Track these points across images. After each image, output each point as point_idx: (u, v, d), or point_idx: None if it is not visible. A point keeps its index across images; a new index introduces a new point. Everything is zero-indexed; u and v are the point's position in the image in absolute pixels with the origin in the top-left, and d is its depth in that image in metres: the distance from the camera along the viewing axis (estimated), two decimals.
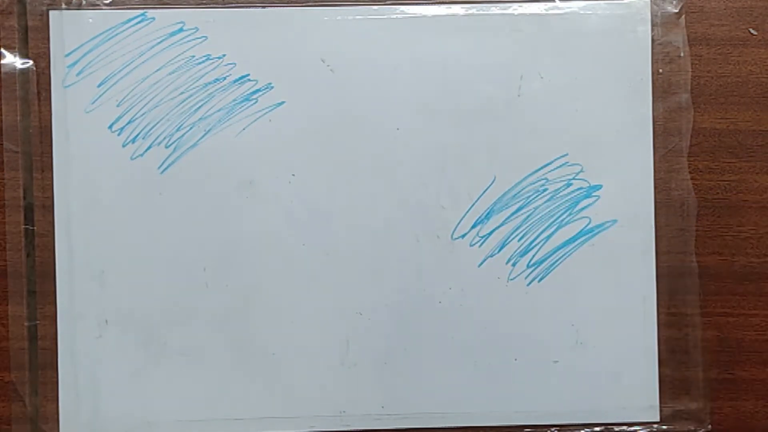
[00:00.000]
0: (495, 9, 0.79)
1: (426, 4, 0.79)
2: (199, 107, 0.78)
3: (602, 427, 0.79)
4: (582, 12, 0.79)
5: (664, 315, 0.79)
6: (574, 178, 0.80)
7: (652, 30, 0.79)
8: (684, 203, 0.79)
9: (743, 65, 0.80)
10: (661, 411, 0.80)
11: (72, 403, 0.78)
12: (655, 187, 0.79)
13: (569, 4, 0.79)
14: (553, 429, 0.79)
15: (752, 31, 0.80)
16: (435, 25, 0.79)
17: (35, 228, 0.78)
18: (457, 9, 0.79)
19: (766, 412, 0.80)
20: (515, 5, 0.79)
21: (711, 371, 0.80)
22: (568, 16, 0.79)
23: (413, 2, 0.79)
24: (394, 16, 0.78)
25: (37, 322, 0.78)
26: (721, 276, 0.80)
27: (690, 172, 0.79)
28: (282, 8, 0.78)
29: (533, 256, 0.79)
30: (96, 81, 0.77)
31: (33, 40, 0.78)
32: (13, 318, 0.78)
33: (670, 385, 0.80)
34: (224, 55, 0.78)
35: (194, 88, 0.78)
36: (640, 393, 0.79)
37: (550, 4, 0.79)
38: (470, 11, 0.79)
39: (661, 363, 0.79)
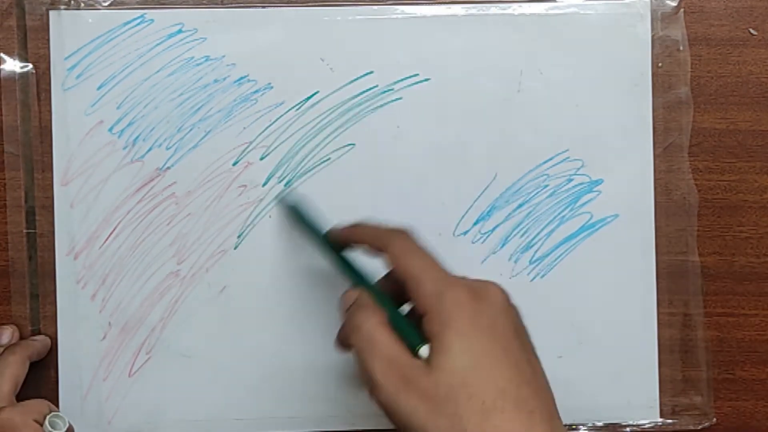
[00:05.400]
0: (495, 9, 0.79)
1: (426, 4, 0.78)
2: (199, 108, 0.78)
3: (605, 424, 0.79)
4: (582, 12, 0.79)
5: (665, 313, 0.80)
6: (575, 174, 0.80)
7: (652, 25, 0.79)
8: (685, 197, 0.79)
9: (743, 65, 0.80)
10: (663, 406, 0.80)
11: (72, 403, 0.79)
12: (656, 181, 0.80)
13: (569, 3, 0.79)
14: None
15: (752, 31, 0.80)
16: (435, 25, 0.78)
17: (36, 229, 0.78)
18: (457, 9, 0.78)
19: (766, 412, 0.81)
20: (515, 5, 0.79)
21: (711, 370, 0.80)
22: (568, 15, 0.79)
23: (413, 2, 0.78)
24: (394, 16, 0.78)
25: (40, 326, 0.78)
26: (721, 276, 0.80)
27: (690, 172, 0.80)
28: (282, 8, 0.78)
29: (535, 252, 0.80)
30: (95, 84, 0.77)
31: (33, 40, 0.78)
32: (15, 318, 0.79)
33: (670, 384, 0.80)
34: (224, 56, 0.78)
35: (194, 89, 0.78)
36: (643, 390, 0.80)
37: (550, 4, 0.79)
38: (470, 11, 0.78)
39: (661, 360, 0.80)
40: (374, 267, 0.66)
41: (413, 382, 0.57)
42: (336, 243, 0.70)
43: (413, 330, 0.60)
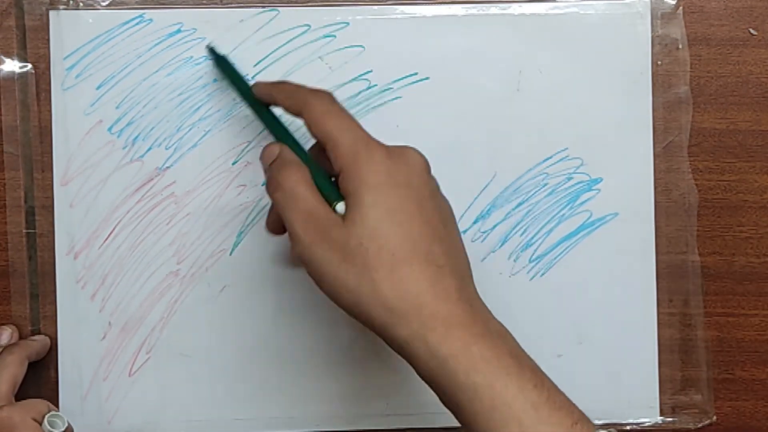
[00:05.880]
0: (495, 9, 0.78)
1: (426, 4, 0.78)
2: (199, 108, 0.78)
3: (605, 423, 0.79)
4: (582, 11, 0.79)
5: (665, 313, 0.80)
6: (574, 172, 0.80)
7: (651, 23, 0.79)
8: (685, 196, 0.79)
9: (743, 65, 0.80)
10: (663, 405, 0.80)
11: (72, 403, 0.79)
12: (655, 181, 0.80)
13: (569, 2, 0.79)
14: None
15: (752, 31, 0.80)
16: (434, 24, 0.78)
17: (36, 229, 0.78)
18: (457, 9, 0.78)
19: (766, 412, 0.81)
20: (515, 5, 0.78)
21: (711, 370, 0.80)
22: (568, 15, 0.79)
23: (413, 2, 0.78)
24: (394, 16, 0.78)
25: (40, 326, 0.79)
26: (721, 276, 0.80)
27: (690, 172, 0.80)
28: (281, 8, 0.78)
29: (535, 250, 0.80)
30: (95, 83, 0.77)
31: (32, 40, 0.77)
32: (15, 318, 0.79)
33: (670, 384, 0.80)
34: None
35: (193, 88, 0.78)
36: (643, 389, 0.80)
37: (550, 4, 0.79)
38: (470, 11, 0.78)
39: (661, 359, 0.80)
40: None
41: (328, 233, 0.58)
42: (260, 97, 0.69)
43: (332, 187, 0.61)
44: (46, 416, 0.71)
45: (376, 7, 0.78)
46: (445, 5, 0.78)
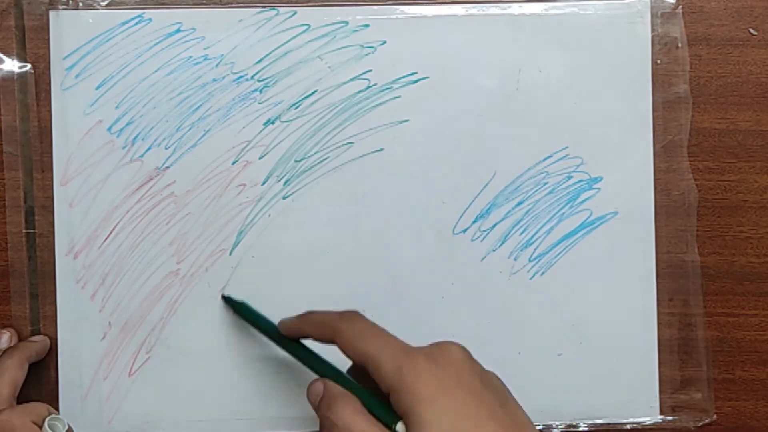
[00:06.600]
0: (495, 9, 0.78)
1: (426, 4, 0.78)
2: (198, 107, 0.78)
3: (605, 422, 0.79)
4: (581, 11, 0.79)
5: (665, 313, 0.80)
6: (574, 171, 0.80)
7: (651, 22, 0.79)
8: (684, 196, 0.79)
9: (743, 65, 0.80)
10: (663, 404, 0.80)
11: (72, 403, 0.79)
12: (655, 180, 0.80)
13: (569, 2, 0.79)
14: (557, 424, 0.79)
15: (752, 31, 0.80)
16: (434, 24, 0.78)
17: (36, 229, 0.78)
18: (457, 9, 0.78)
19: (766, 412, 0.81)
20: (515, 5, 0.78)
21: (711, 370, 0.80)
22: (568, 15, 0.79)
23: (413, 2, 0.78)
24: (394, 16, 0.78)
25: (40, 326, 0.78)
26: (721, 276, 0.80)
27: (689, 171, 0.80)
28: (280, 8, 0.78)
29: (535, 249, 0.80)
30: (94, 83, 0.77)
31: (31, 40, 0.77)
32: (15, 318, 0.79)
33: (670, 383, 0.80)
34: (222, 56, 0.78)
35: (193, 88, 0.78)
36: (643, 388, 0.80)
37: (549, 4, 0.79)
38: (470, 11, 0.78)
39: (661, 359, 0.80)
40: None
41: None
42: (288, 334, 0.70)
43: (386, 410, 0.60)
44: (46, 419, 0.71)
45: (375, 6, 0.78)
46: (445, 5, 0.78)
